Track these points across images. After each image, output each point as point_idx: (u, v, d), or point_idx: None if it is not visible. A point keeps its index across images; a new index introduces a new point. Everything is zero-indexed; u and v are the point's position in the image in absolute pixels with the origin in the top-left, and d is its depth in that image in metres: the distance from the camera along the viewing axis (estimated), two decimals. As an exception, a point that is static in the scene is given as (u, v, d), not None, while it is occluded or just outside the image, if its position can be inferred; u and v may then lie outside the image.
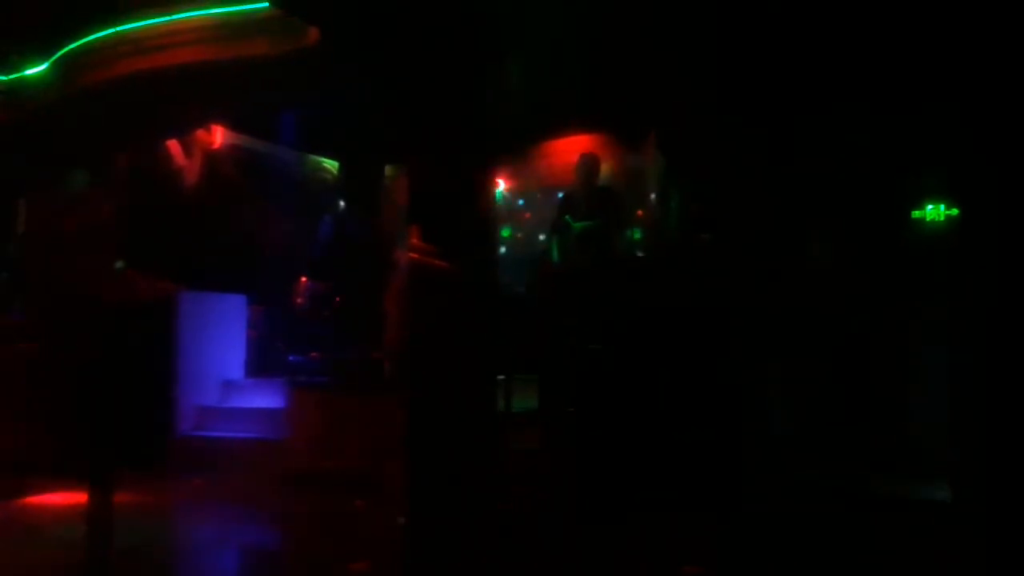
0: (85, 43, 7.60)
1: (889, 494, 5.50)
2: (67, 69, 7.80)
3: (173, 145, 9.06)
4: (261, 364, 8.48)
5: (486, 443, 5.17)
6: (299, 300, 8.46)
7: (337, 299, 8.01)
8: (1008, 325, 4.92)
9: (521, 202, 9.87)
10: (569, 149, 9.29)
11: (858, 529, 4.91)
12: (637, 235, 8.35)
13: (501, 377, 5.45)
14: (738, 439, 5.42)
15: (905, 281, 6.27)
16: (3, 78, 8.23)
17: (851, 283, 6.33)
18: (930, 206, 6.47)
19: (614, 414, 5.30)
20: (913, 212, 6.52)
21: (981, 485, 4.97)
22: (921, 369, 6.13)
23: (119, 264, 8.00)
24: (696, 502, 5.07)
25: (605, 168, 8.91)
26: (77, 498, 2.15)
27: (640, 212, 8.37)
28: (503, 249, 9.18)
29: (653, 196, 8.33)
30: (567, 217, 7.22)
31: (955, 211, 6.32)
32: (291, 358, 7.39)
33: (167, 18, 7.22)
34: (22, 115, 8.07)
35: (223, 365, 8.06)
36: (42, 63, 8.00)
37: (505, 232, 9.61)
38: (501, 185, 9.53)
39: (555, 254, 7.42)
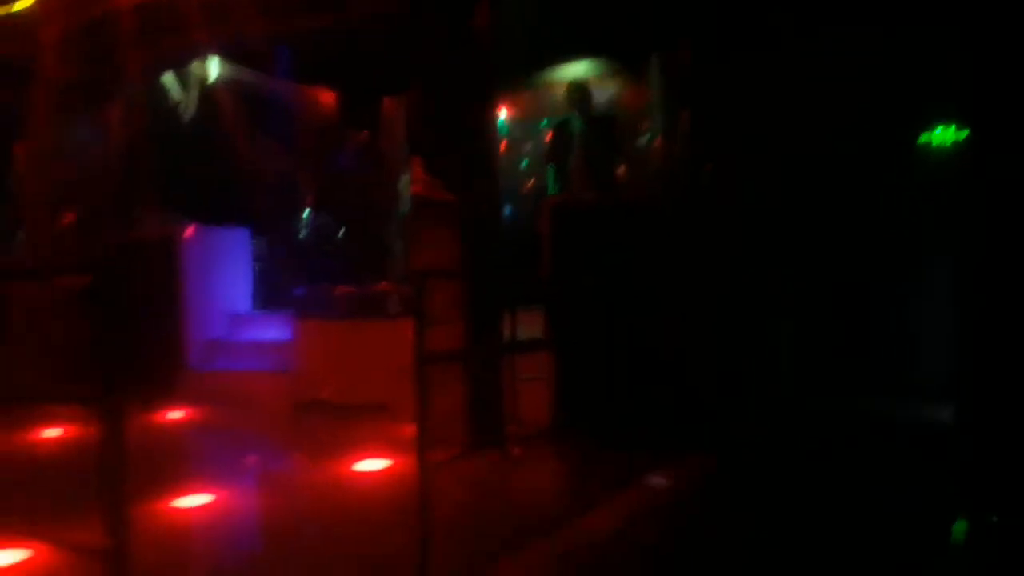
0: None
1: (895, 417, 5.58)
2: (59, 2, 7.65)
3: (169, 79, 8.94)
4: (268, 297, 8.51)
5: (492, 371, 5.23)
6: (303, 232, 8.46)
7: (341, 230, 8.00)
8: (1013, 247, 4.91)
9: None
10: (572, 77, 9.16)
11: (862, 450, 4.99)
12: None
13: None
14: (744, 368, 5.48)
15: (910, 205, 6.24)
16: (-6, 12, 8.08)
17: (855, 209, 6.31)
18: (938, 129, 6.39)
19: (618, 345, 5.33)
20: (920, 136, 6.45)
21: (978, 404, 5.04)
22: (925, 293, 6.15)
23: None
24: (700, 430, 5.14)
25: (605, 97, 8.83)
26: (88, 430, 2.22)
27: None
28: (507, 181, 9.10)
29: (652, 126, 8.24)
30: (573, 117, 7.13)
31: (964, 134, 6.25)
32: (297, 291, 7.41)
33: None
34: (15, 51, 7.94)
35: (230, 299, 8.10)
36: (32, -4, 7.84)
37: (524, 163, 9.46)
38: (503, 115, 9.41)
39: (551, 185, 7.34)
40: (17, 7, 7.99)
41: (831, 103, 6.21)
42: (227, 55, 9.14)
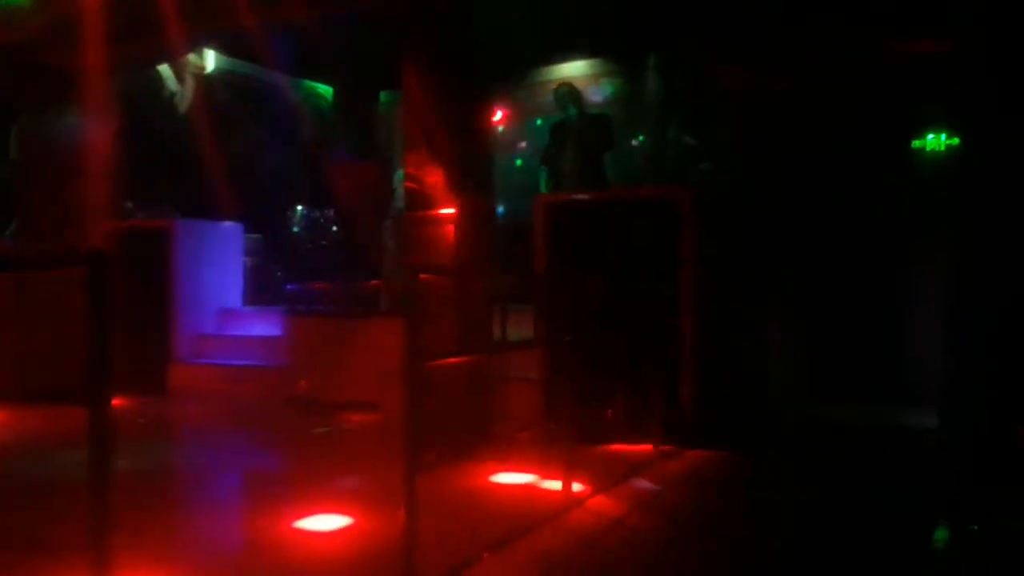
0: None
1: (880, 423, 5.62)
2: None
3: (165, 70, 8.92)
4: (259, 292, 8.50)
5: (483, 370, 5.23)
6: (295, 229, 8.44)
7: (334, 227, 7.99)
8: (1003, 255, 4.94)
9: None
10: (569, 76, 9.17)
11: (851, 454, 5.02)
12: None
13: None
14: (735, 373, 5.49)
15: (903, 212, 6.26)
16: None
17: (851, 217, 6.33)
18: (931, 135, 6.42)
19: (611, 342, 5.34)
20: (913, 142, 6.47)
21: (970, 411, 5.07)
22: (914, 302, 6.18)
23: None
24: (692, 429, 5.16)
25: (601, 95, 8.86)
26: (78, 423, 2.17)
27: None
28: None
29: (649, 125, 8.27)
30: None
31: (955, 140, 6.27)
32: (288, 287, 7.40)
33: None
34: (9, 39, 7.89)
35: (221, 293, 8.07)
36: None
37: (519, 162, 9.52)
38: (499, 113, 9.41)
39: (544, 185, 7.38)
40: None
41: (829, 103, 6.23)
42: (224, 47, 9.12)
